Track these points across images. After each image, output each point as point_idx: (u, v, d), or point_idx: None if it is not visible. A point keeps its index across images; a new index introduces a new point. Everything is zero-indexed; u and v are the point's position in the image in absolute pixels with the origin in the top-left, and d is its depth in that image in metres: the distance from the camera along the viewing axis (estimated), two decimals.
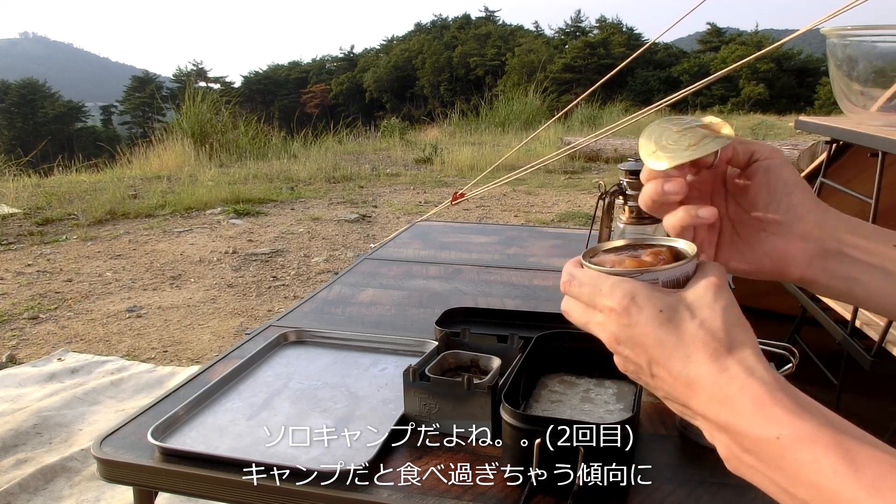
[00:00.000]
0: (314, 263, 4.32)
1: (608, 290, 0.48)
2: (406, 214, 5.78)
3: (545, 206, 6.18)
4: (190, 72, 45.72)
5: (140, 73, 52.26)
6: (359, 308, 1.40)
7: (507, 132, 12.16)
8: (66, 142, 38.25)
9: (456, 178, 7.85)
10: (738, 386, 0.42)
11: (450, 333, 1.02)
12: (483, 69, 41.90)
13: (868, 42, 1.33)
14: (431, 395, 0.87)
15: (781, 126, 13.54)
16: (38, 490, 1.89)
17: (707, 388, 0.43)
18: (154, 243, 4.84)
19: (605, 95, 16.82)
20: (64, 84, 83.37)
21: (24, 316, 3.40)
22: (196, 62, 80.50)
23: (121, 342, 3.08)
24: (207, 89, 15.08)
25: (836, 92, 1.54)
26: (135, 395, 2.53)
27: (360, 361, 1.13)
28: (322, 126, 12.00)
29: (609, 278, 0.49)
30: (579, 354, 0.98)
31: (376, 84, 45.82)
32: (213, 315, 3.43)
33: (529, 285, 1.54)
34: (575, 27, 47.00)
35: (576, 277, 0.51)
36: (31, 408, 2.34)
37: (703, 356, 0.43)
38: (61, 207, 5.82)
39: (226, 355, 1.15)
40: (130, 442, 0.87)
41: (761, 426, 0.40)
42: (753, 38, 37.35)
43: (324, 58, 56.51)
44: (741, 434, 0.41)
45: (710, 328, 0.44)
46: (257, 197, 6.40)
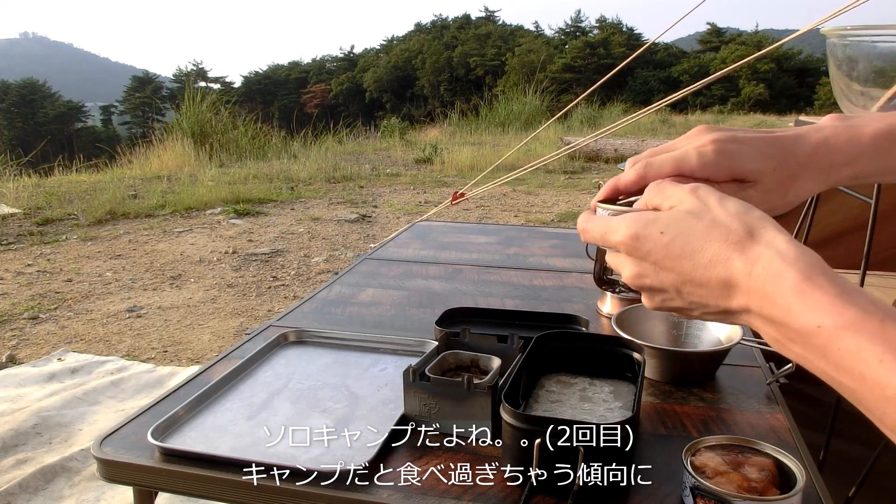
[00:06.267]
0: (314, 263, 4.32)
1: (614, 229, 0.48)
2: (406, 214, 5.78)
3: (545, 206, 6.18)
4: (190, 72, 45.73)
5: (140, 73, 52.25)
6: (359, 308, 1.40)
7: (507, 132, 12.17)
8: (66, 142, 38.25)
9: (456, 178, 7.85)
10: (772, 274, 0.40)
11: (450, 333, 1.02)
12: (483, 69, 41.90)
13: (868, 42, 1.33)
14: (431, 395, 0.87)
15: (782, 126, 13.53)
16: (38, 490, 1.89)
17: (741, 284, 0.41)
18: (154, 243, 4.84)
19: (604, 95, 16.83)
20: (64, 84, 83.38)
21: (24, 316, 3.40)
22: (196, 62, 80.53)
23: (121, 342, 3.08)
24: (207, 89, 15.08)
25: (836, 92, 1.54)
26: (135, 395, 2.53)
27: (360, 361, 1.13)
28: (322, 126, 12.01)
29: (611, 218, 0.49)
30: (579, 354, 0.98)
31: (376, 84, 45.82)
32: (213, 315, 3.43)
33: (529, 285, 1.54)
34: (575, 27, 47.00)
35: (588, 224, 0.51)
36: (31, 408, 2.34)
37: (728, 252, 0.42)
38: (61, 207, 5.82)
39: (226, 355, 1.15)
40: (130, 442, 0.87)
41: (802, 315, 0.38)
42: (753, 38, 37.34)
43: (324, 58, 56.52)
44: (783, 325, 0.39)
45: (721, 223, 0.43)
46: (257, 197, 6.40)
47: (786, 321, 0.39)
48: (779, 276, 0.39)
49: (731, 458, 0.72)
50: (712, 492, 0.67)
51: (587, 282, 1.53)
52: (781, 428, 0.90)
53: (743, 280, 0.41)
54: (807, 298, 0.38)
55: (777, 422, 0.92)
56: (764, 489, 0.67)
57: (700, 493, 0.68)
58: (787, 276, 0.39)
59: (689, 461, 0.72)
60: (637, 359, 0.94)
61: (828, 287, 0.38)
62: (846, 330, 0.36)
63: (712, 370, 1.06)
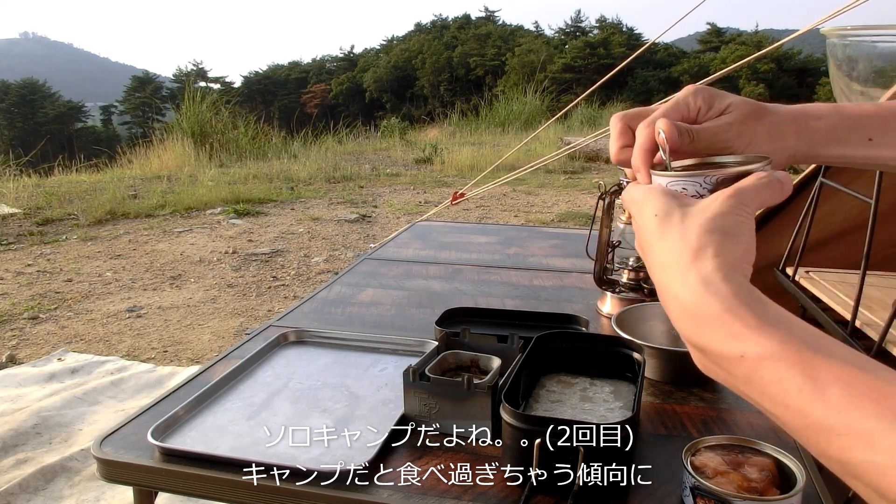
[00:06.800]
0: (314, 263, 4.32)
1: (634, 197, 0.49)
2: (406, 214, 5.78)
3: (545, 206, 6.18)
4: (190, 72, 45.68)
5: (140, 73, 52.21)
6: (359, 308, 1.40)
7: (507, 132, 12.17)
8: (66, 142, 38.23)
9: (456, 178, 7.85)
10: (697, 299, 0.40)
11: (450, 333, 1.02)
12: (483, 69, 41.88)
13: (868, 42, 1.33)
14: (431, 395, 0.87)
15: None
16: (38, 490, 1.89)
17: (678, 298, 0.42)
18: (154, 243, 4.84)
19: (604, 95, 16.82)
20: (64, 84, 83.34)
21: (24, 316, 3.40)
22: (196, 62, 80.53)
23: (121, 342, 3.08)
24: (207, 89, 15.09)
25: (836, 92, 1.54)
26: (135, 395, 2.53)
27: (360, 361, 1.13)
28: (322, 126, 12.01)
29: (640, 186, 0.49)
30: (579, 354, 0.98)
31: (376, 84, 45.81)
32: (213, 315, 3.43)
33: (529, 285, 1.54)
34: (575, 27, 46.98)
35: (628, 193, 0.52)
36: (31, 408, 2.34)
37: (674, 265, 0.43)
38: (61, 207, 5.82)
39: (226, 355, 1.15)
40: (130, 442, 0.87)
41: (724, 343, 0.39)
42: (753, 38, 37.32)
43: (324, 58, 56.47)
44: (707, 350, 0.40)
45: (686, 235, 0.43)
46: (257, 197, 6.40)
47: (708, 346, 0.40)
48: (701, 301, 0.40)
49: (731, 458, 0.72)
50: (712, 492, 0.67)
51: (587, 282, 1.53)
52: (782, 428, 0.90)
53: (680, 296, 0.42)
54: (729, 327, 0.39)
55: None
56: (764, 489, 0.67)
57: (700, 493, 0.68)
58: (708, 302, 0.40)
59: (689, 461, 0.72)
60: (637, 359, 0.94)
61: (748, 317, 0.39)
62: (767, 360, 0.37)
63: None
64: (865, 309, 1.58)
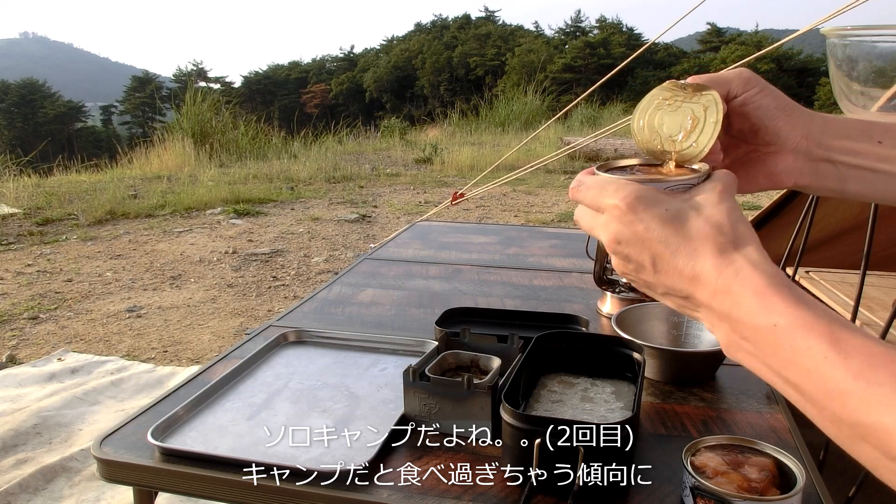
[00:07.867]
0: (314, 263, 4.32)
1: (613, 190, 0.49)
2: (406, 214, 5.78)
3: (545, 206, 6.18)
4: (190, 72, 45.64)
5: (140, 73, 52.21)
6: (359, 308, 1.40)
7: (507, 132, 12.17)
8: (66, 142, 38.24)
9: (456, 178, 7.85)
10: (741, 278, 0.44)
11: (450, 333, 1.02)
12: (483, 69, 41.88)
13: (868, 42, 1.33)
14: (431, 395, 0.87)
15: None
16: (38, 490, 1.89)
17: (711, 280, 0.45)
18: (154, 243, 4.84)
19: (604, 95, 16.82)
20: (64, 84, 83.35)
21: (24, 316, 3.40)
22: (196, 62, 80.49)
23: (121, 342, 3.08)
24: (207, 89, 15.07)
25: (836, 92, 1.54)
26: (135, 395, 2.53)
27: (360, 361, 1.13)
28: (322, 126, 12.01)
29: (617, 180, 0.50)
30: (579, 354, 0.98)
31: (376, 84, 45.80)
32: (213, 315, 3.43)
33: (529, 285, 1.54)
34: (575, 27, 46.98)
35: (583, 182, 0.53)
36: (31, 408, 2.34)
37: (710, 250, 0.45)
38: (61, 207, 5.82)
39: (226, 355, 1.15)
40: (130, 442, 0.87)
41: (760, 315, 0.42)
42: (753, 38, 37.32)
43: (324, 58, 56.46)
44: (741, 322, 0.44)
45: (716, 224, 0.46)
46: (257, 197, 6.40)
47: (743, 318, 0.43)
48: (746, 279, 0.44)
49: (731, 458, 0.72)
50: (712, 492, 0.67)
51: (587, 282, 1.53)
52: (781, 428, 0.90)
53: (712, 277, 0.45)
54: (767, 301, 0.43)
55: (777, 422, 0.92)
56: (764, 489, 0.67)
57: (700, 493, 0.68)
58: (753, 279, 0.44)
59: (689, 461, 0.72)
60: (637, 359, 0.94)
61: (787, 294, 0.43)
62: (799, 329, 0.41)
63: (712, 370, 1.06)
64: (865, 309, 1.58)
